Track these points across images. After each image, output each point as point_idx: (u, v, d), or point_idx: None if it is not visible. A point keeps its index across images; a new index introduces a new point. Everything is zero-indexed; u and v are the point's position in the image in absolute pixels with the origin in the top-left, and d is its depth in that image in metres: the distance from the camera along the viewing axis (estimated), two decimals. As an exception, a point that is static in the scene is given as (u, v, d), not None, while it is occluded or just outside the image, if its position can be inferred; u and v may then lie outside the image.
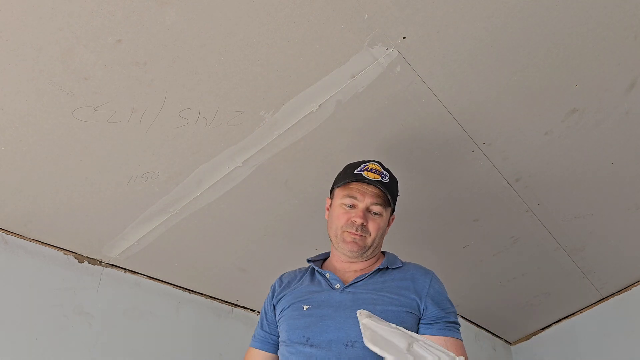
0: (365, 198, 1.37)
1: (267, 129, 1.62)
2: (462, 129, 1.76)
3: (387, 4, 1.34)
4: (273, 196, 1.87)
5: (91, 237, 1.88)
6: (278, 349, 1.39)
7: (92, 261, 1.99)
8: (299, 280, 1.44)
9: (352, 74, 1.51)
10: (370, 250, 1.39)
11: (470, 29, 1.45)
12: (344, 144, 1.73)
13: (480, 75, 1.58)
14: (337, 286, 1.34)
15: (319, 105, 1.58)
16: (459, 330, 1.31)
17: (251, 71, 1.44)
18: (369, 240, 1.37)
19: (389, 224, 1.44)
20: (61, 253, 1.91)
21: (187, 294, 2.24)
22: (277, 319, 1.41)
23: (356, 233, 1.35)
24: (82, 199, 1.72)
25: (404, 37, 1.44)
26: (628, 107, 1.81)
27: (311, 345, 1.25)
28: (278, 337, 1.41)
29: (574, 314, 3.02)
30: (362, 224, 1.35)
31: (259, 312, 2.40)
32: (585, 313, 2.97)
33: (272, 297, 1.45)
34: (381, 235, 1.40)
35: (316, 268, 1.42)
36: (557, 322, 3.08)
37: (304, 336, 1.27)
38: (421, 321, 1.30)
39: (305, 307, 1.32)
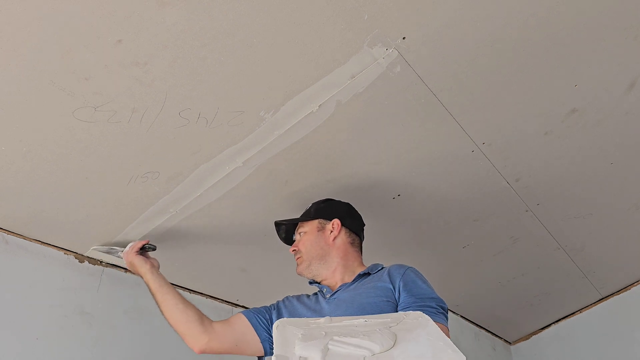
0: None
1: (267, 129, 1.61)
2: (462, 129, 1.76)
3: (387, 4, 1.34)
4: (273, 196, 1.87)
5: (91, 237, 1.88)
6: (259, 333, 1.51)
7: (92, 261, 1.99)
8: (306, 298, 1.61)
9: (352, 74, 1.51)
10: (315, 263, 1.59)
11: (470, 29, 1.45)
12: (344, 144, 1.73)
13: (480, 75, 1.58)
14: (328, 295, 1.53)
15: (319, 105, 1.58)
16: (439, 313, 1.35)
17: (251, 71, 1.44)
18: (304, 256, 1.60)
19: (331, 231, 1.62)
20: (61, 253, 1.91)
21: (187, 294, 2.23)
22: (269, 325, 1.53)
23: (296, 259, 1.63)
24: (82, 199, 1.72)
25: (404, 37, 1.44)
26: (628, 107, 1.81)
27: None
28: (265, 330, 1.52)
29: (573, 314, 3.01)
30: (294, 250, 1.64)
31: (259, 312, 2.40)
32: (585, 313, 2.97)
33: (273, 308, 1.60)
34: (313, 246, 1.61)
35: (315, 284, 1.61)
36: (557, 322, 3.07)
37: None
38: (397, 309, 1.39)
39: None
